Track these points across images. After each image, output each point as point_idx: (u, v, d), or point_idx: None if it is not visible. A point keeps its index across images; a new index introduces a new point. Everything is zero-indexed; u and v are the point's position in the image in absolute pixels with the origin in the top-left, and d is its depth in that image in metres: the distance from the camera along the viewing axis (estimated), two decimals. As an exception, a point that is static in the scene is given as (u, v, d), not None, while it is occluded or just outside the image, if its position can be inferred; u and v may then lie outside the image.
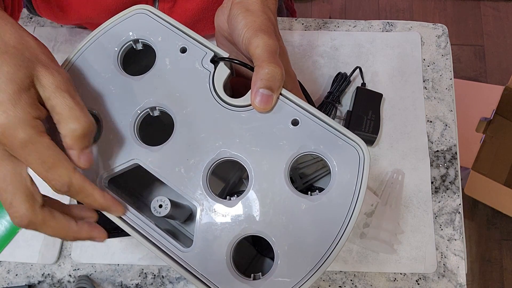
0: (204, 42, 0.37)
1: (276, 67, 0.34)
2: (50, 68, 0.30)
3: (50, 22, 0.62)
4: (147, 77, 0.37)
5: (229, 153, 0.35)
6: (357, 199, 0.34)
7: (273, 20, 0.38)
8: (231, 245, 0.34)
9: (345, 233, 0.33)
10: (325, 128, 0.35)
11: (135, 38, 0.37)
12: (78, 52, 0.38)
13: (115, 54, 0.37)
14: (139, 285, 0.53)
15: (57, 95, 0.30)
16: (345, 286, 0.53)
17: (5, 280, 0.53)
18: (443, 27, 0.64)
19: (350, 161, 0.34)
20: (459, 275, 0.53)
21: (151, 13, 0.38)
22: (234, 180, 0.46)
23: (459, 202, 0.56)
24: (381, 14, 1.60)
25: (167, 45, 0.37)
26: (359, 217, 0.53)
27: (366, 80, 0.60)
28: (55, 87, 0.30)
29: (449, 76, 0.61)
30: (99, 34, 0.38)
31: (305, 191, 0.42)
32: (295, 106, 0.35)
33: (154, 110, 0.37)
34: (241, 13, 0.36)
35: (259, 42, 0.34)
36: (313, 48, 0.62)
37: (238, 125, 0.35)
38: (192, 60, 0.36)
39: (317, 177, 0.46)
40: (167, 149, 0.35)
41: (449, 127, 0.59)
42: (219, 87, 0.36)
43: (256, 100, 0.34)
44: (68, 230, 0.31)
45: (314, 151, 0.34)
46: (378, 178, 0.57)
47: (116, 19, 0.38)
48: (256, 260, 0.44)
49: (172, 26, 0.37)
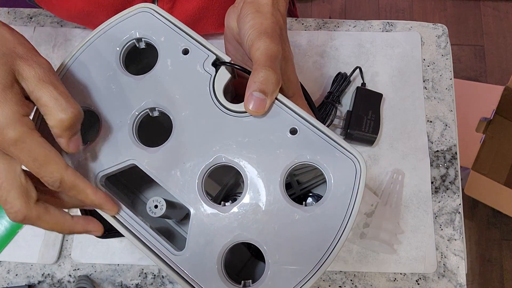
0: (206, 45, 0.36)
1: (271, 71, 0.33)
2: (29, 60, 0.30)
3: (50, 22, 0.62)
4: (148, 77, 0.36)
5: (226, 159, 0.35)
6: (351, 213, 0.33)
7: (281, 23, 0.38)
8: (223, 251, 0.34)
9: (337, 246, 0.33)
10: (323, 138, 0.34)
11: (138, 37, 0.37)
12: (82, 47, 0.37)
13: (118, 52, 0.37)
14: (139, 285, 0.53)
15: (41, 87, 0.30)
16: (345, 286, 0.53)
17: (5, 280, 0.53)
18: (443, 27, 0.64)
19: (347, 173, 0.34)
20: (459, 275, 0.53)
21: (155, 12, 0.37)
22: (232, 183, 0.46)
23: (459, 202, 0.56)
24: (381, 14, 1.60)
25: (170, 46, 0.37)
26: (359, 217, 0.53)
27: (366, 80, 0.60)
28: (38, 80, 0.30)
29: (449, 76, 0.61)
30: (103, 31, 0.38)
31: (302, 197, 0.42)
32: (294, 114, 0.35)
33: (153, 110, 0.37)
34: (251, 13, 0.36)
35: (260, 45, 0.34)
36: (313, 48, 0.62)
37: (236, 131, 0.35)
38: (194, 62, 0.36)
39: (315, 184, 0.46)
40: (164, 151, 0.35)
41: (449, 127, 0.59)
42: (219, 91, 0.36)
43: (249, 103, 0.34)
44: (64, 224, 0.32)
45: (310, 161, 0.34)
46: (378, 178, 0.57)
47: (120, 16, 0.38)
48: (251, 262, 0.44)
49: (176, 27, 0.37)
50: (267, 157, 0.34)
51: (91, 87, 0.37)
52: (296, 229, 0.33)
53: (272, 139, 0.34)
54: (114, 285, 0.53)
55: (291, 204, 0.34)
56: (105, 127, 0.36)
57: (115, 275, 0.54)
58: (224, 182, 0.46)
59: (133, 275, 0.54)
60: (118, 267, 0.54)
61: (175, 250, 0.34)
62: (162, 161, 0.35)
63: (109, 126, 0.36)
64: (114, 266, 0.54)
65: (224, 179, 0.46)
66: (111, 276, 0.54)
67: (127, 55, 0.38)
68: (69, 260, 0.54)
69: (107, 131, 0.36)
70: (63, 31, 0.62)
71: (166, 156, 0.35)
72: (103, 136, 0.36)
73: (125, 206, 0.35)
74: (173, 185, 0.34)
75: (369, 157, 0.57)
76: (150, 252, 0.34)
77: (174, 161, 0.35)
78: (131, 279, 0.53)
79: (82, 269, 0.54)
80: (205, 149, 0.35)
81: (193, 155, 0.35)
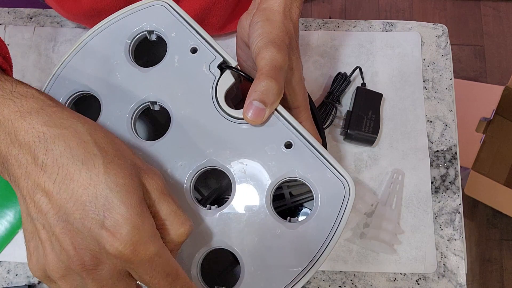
0: (215, 46, 0.36)
1: (273, 81, 0.33)
2: (148, 171, 0.29)
3: (50, 22, 0.62)
4: (153, 71, 0.36)
5: (217, 163, 0.34)
6: (333, 235, 0.33)
7: (292, 33, 0.37)
8: (200, 254, 0.33)
9: (314, 267, 0.32)
10: (317, 157, 0.34)
11: (150, 29, 0.37)
12: (93, 33, 0.37)
13: (128, 42, 0.37)
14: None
15: (162, 200, 0.28)
16: (345, 286, 0.53)
17: (5, 280, 0.53)
18: (443, 27, 0.64)
19: (335, 195, 0.33)
20: (459, 275, 0.53)
21: (169, 7, 0.37)
22: (227, 184, 0.45)
23: (459, 202, 0.56)
24: (381, 14, 1.60)
25: (179, 42, 0.37)
26: (359, 217, 0.53)
27: (366, 80, 0.60)
28: (160, 193, 0.28)
29: (449, 76, 0.61)
30: (115, 20, 0.37)
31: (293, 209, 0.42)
32: (292, 128, 0.34)
33: (154, 104, 0.36)
34: (261, 21, 0.36)
35: (266, 55, 0.34)
36: (313, 48, 0.62)
37: (232, 137, 0.35)
38: (200, 62, 0.36)
39: (307, 198, 0.46)
40: (159, 146, 0.35)
41: (449, 127, 0.59)
42: (221, 95, 0.35)
43: (248, 111, 0.33)
44: None
45: (300, 178, 0.34)
46: (378, 178, 0.57)
47: (135, 7, 0.37)
48: (233, 267, 0.44)
49: (188, 24, 0.37)
50: (258, 167, 0.34)
51: (97, 72, 0.36)
52: (276, 243, 0.33)
53: (266, 150, 0.34)
54: (114, 285, 0.53)
55: (274, 218, 0.33)
56: (105, 114, 0.36)
57: (115, 275, 0.53)
58: (219, 182, 0.46)
59: (133, 275, 0.54)
60: (118, 267, 0.54)
61: None
62: (155, 156, 0.35)
63: (109, 114, 0.36)
64: (114, 266, 0.54)
65: (220, 179, 0.46)
66: (111, 276, 0.53)
67: (137, 45, 0.38)
68: (69, 260, 0.54)
69: (106, 119, 0.36)
70: (63, 31, 0.62)
71: (160, 152, 0.35)
72: (101, 123, 0.35)
73: None
74: None
75: (369, 157, 0.57)
76: None
77: (167, 158, 0.35)
78: (131, 279, 0.53)
79: (82, 269, 0.54)
80: (198, 150, 0.35)
81: (186, 155, 0.35)
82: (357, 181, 0.56)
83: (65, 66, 0.37)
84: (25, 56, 0.60)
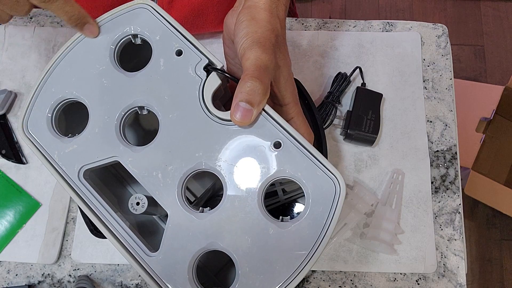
0: (200, 48, 0.36)
1: (258, 82, 0.33)
2: None
3: (50, 22, 0.62)
4: (139, 75, 0.36)
5: (207, 165, 0.34)
6: (325, 233, 0.33)
7: (278, 31, 0.37)
8: (195, 257, 0.33)
9: (307, 265, 0.33)
10: (306, 155, 0.34)
11: (134, 33, 0.37)
12: (77, 40, 0.37)
13: (112, 46, 0.37)
14: (139, 285, 0.53)
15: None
16: (345, 286, 0.53)
17: (5, 280, 0.53)
18: (443, 27, 0.64)
19: (325, 193, 0.33)
20: (459, 275, 0.53)
21: (153, 10, 0.37)
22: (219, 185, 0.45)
23: (459, 202, 0.56)
24: (381, 14, 1.60)
25: (164, 45, 0.36)
26: (359, 217, 0.53)
27: (366, 80, 0.60)
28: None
29: (449, 76, 0.61)
30: (99, 24, 0.37)
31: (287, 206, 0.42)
32: (280, 128, 0.34)
33: (142, 109, 0.36)
34: (246, 21, 0.36)
35: (251, 55, 0.34)
36: (313, 48, 0.62)
37: (221, 139, 0.35)
38: (186, 65, 0.36)
39: (301, 194, 0.46)
40: (148, 151, 0.35)
41: (449, 127, 0.59)
42: (208, 97, 0.35)
43: (235, 113, 0.33)
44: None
45: (290, 177, 0.34)
46: (378, 178, 0.57)
47: (118, 10, 0.37)
48: (228, 267, 0.44)
49: (172, 27, 0.37)
50: (248, 168, 0.34)
51: (83, 79, 0.36)
52: (269, 243, 0.33)
53: (256, 151, 0.34)
54: (114, 285, 0.53)
55: (266, 218, 0.33)
56: (93, 120, 0.36)
57: (115, 275, 0.54)
58: (211, 183, 0.46)
59: (133, 275, 0.54)
60: (118, 267, 0.54)
61: (149, 251, 0.34)
62: (145, 162, 0.35)
63: (97, 120, 0.36)
64: (114, 266, 0.54)
65: (211, 180, 0.46)
66: (111, 276, 0.54)
67: (122, 49, 0.38)
68: (69, 260, 0.54)
69: (95, 125, 0.36)
70: (63, 31, 0.62)
71: (150, 157, 0.35)
72: (90, 130, 0.36)
73: (105, 202, 0.35)
74: (153, 186, 0.34)
75: (369, 157, 0.57)
76: (124, 250, 0.34)
77: (157, 162, 0.35)
78: (131, 279, 0.53)
79: (82, 269, 0.54)
80: (188, 153, 0.35)
81: (176, 159, 0.35)
82: (357, 181, 0.56)
83: (50, 75, 0.37)
84: (25, 56, 0.60)
